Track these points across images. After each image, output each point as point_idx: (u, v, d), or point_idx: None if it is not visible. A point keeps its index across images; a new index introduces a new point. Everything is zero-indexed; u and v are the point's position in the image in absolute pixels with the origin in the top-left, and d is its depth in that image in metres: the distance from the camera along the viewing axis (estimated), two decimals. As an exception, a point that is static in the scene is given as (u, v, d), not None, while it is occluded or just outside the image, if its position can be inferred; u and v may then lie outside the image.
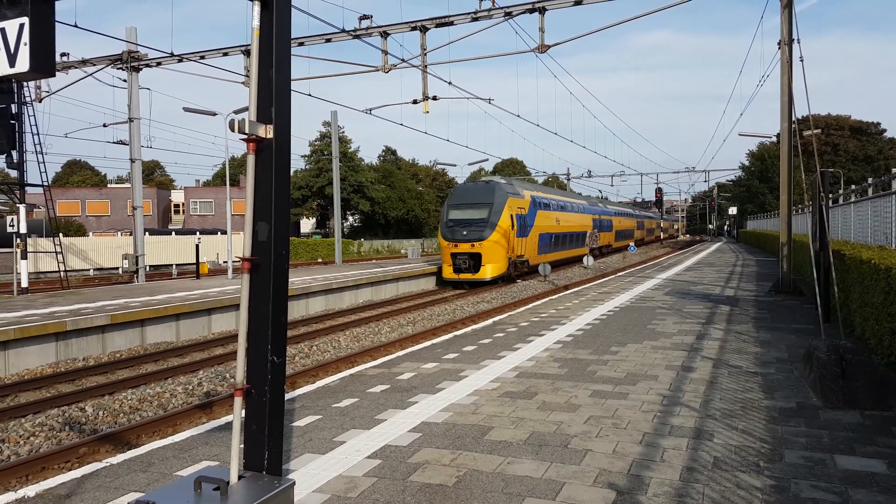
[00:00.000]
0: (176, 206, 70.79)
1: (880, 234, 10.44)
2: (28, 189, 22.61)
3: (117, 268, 36.08)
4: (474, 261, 26.31)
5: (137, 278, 24.48)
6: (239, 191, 57.24)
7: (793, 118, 16.14)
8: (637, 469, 4.81)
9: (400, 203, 71.60)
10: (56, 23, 3.53)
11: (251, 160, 3.74)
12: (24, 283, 21.17)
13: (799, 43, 12.65)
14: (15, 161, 21.44)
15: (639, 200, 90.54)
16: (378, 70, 20.33)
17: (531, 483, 4.60)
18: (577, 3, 17.76)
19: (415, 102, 20.99)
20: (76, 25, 16.37)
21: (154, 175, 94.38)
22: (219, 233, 44.93)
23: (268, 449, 3.77)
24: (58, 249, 24.16)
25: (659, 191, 68.99)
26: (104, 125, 25.90)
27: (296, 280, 21.77)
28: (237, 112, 22.90)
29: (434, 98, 20.84)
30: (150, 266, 33.64)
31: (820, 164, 10.13)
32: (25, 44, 3.33)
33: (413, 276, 26.94)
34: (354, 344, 14.58)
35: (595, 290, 18.54)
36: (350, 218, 71.85)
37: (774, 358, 8.64)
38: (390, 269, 26.86)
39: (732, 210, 73.71)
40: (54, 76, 3.65)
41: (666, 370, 8.03)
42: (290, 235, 4.23)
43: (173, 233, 46.12)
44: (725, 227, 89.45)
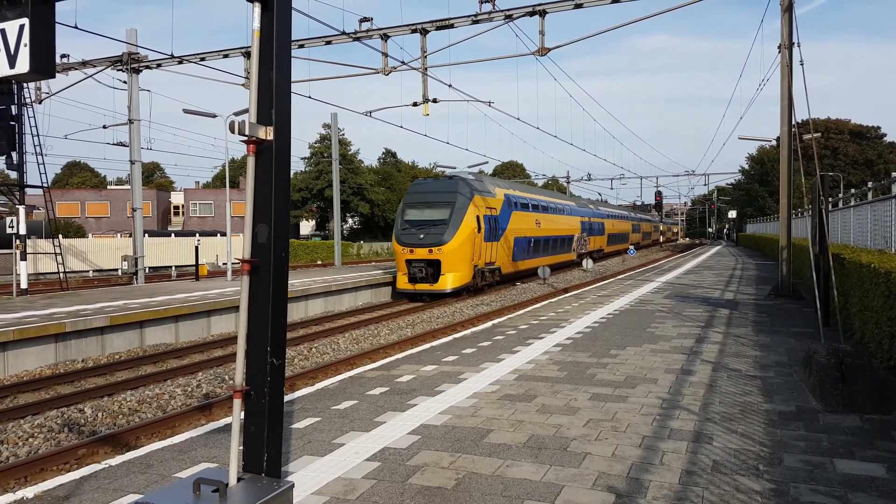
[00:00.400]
0: (175, 208, 70.81)
1: (880, 238, 10.45)
2: (28, 190, 22.61)
3: (116, 269, 36.04)
4: (432, 269, 22.81)
5: (137, 280, 24.46)
6: (239, 193, 57.25)
7: (793, 122, 16.15)
8: (636, 472, 4.80)
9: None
10: (56, 24, 3.53)
11: (251, 162, 3.75)
12: (24, 285, 21.16)
13: (799, 46, 12.65)
14: (15, 162, 21.43)
15: (638, 203, 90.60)
16: (378, 72, 20.34)
17: (530, 486, 4.59)
18: (578, 6, 17.78)
19: (415, 105, 21.00)
20: (76, 27, 16.39)
21: (154, 177, 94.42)
22: (218, 234, 44.96)
23: (267, 451, 3.76)
24: (57, 251, 24.14)
25: (658, 194, 69.07)
26: (104, 127, 25.86)
27: (295, 282, 21.76)
28: (237, 114, 22.91)
29: (434, 100, 20.85)
30: (150, 268, 33.63)
31: (820, 168, 10.14)
32: (25, 45, 3.33)
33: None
34: (354, 346, 14.57)
35: (594, 294, 18.53)
36: (350, 220, 71.84)
37: (774, 361, 8.63)
38: (391, 271, 26.85)
39: (732, 213, 73.76)
40: (54, 77, 3.66)
41: (665, 373, 8.03)
42: (290, 237, 4.23)
43: (173, 234, 46.15)
44: (725, 231, 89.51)
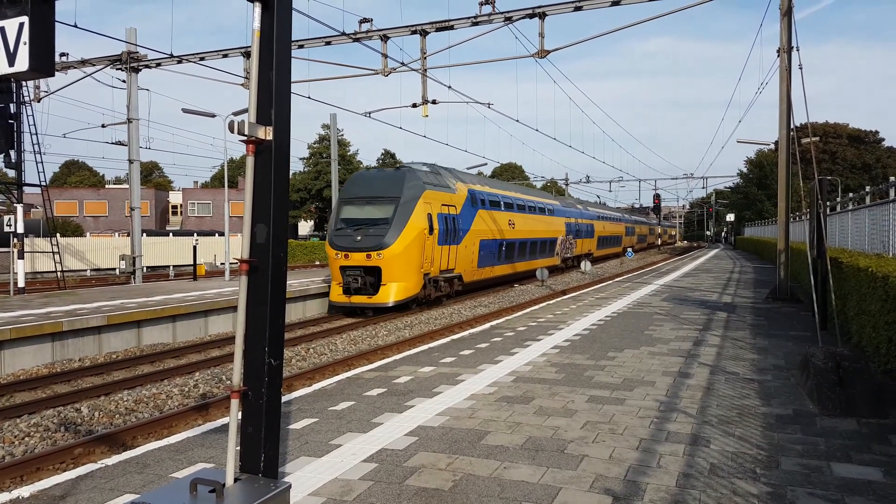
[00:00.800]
0: (174, 208, 70.74)
1: (878, 243, 10.46)
2: (26, 189, 22.57)
3: (114, 269, 36.02)
4: (371, 278, 19.02)
5: (134, 279, 24.44)
6: (237, 192, 57.22)
7: (791, 126, 16.18)
8: (633, 475, 4.80)
9: (398, 206, 71.41)
10: (56, 23, 3.52)
11: (250, 162, 3.74)
12: (21, 283, 21.12)
13: (798, 51, 12.70)
14: (13, 161, 21.40)
15: (637, 206, 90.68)
16: (378, 73, 20.34)
17: (527, 488, 4.59)
18: (577, 9, 17.80)
19: (414, 106, 21.01)
20: (76, 25, 16.37)
21: (152, 176, 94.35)
22: (216, 234, 44.91)
23: (264, 451, 3.76)
24: (55, 250, 24.10)
25: (657, 197, 69.08)
26: (103, 126, 25.84)
27: (293, 282, 21.75)
28: (236, 114, 22.91)
29: (433, 102, 20.85)
30: (148, 267, 33.58)
31: (818, 172, 10.17)
32: (25, 43, 3.33)
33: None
34: (351, 347, 14.56)
35: (593, 296, 18.54)
36: (348, 221, 71.61)
37: (771, 365, 8.64)
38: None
39: (730, 217, 73.84)
40: (53, 76, 3.65)
41: (663, 376, 8.03)
42: (289, 238, 4.22)
43: (171, 234, 46.09)
44: (723, 234, 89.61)
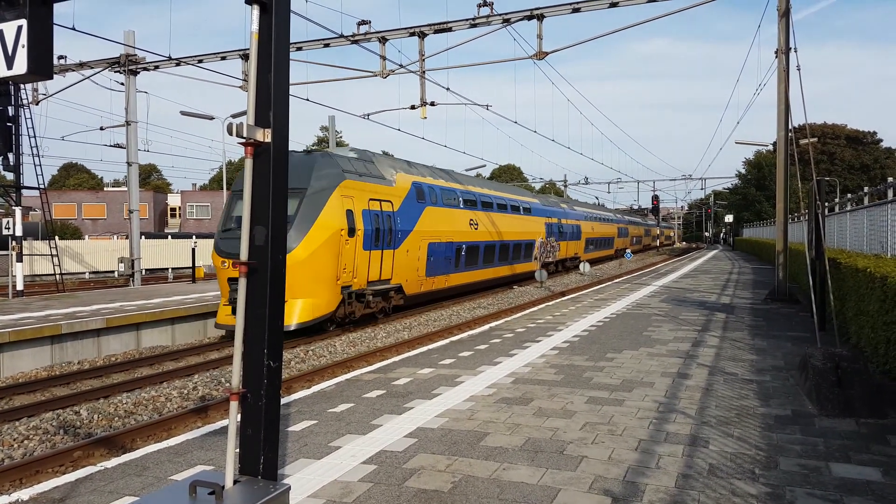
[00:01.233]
0: (172, 210, 70.71)
1: (876, 243, 10.47)
2: (24, 192, 22.57)
3: (113, 271, 35.96)
4: None
5: (133, 282, 24.42)
6: (236, 195, 57.09)
7: (789, 127, 16.21)
8: (632, 476, 4.80)
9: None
10: (54, 25, 3.53)
11: (249, 164, 3.75)
12: (20, 286, 21.10)
13: (796, 52, 12.72)
14: (11, 164, 21.40)
15: (635, 207, 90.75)
16: (376, 75, 20.35)
17: (526, 489, 4.59)
18: (576, 11, 17.83)
19: (412, 108, 21.03)
20: (74, 28, 16.38)
21: (151, 178, 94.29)
22: (215, 237, 44.73)
23: (263, 453, 3.76)
24: (53, 252, 24.09)
25: (655, 198, 69.10)
26: (101, 128, 25.89)
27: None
28: (235, 116, 22.93)
29: (432, 104, 20.86)
30: (146, 270, 33.55)
31: (816, 173, 10.18)
32: (23, 46, 3.33)
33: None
34: (350, 349, 14.55)
35: (591, 297, 18.55)
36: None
37: (770, 365, 8.65)
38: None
39: (729, 218, 73.90)
40: (52, 79, 3.65)
41: (662, 377, 8.04)
42: (287, 239, 4.21)
43: (169, 236, 46.06)
44: (721, 235, 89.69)
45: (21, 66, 3.34)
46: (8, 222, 21.31)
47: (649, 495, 4.44)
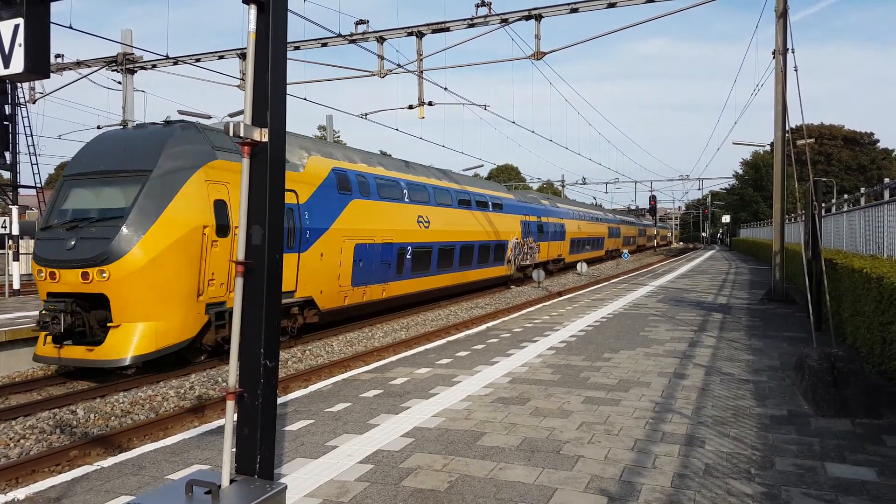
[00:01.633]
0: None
1: (872, 244, 10.51)
2: (21, 190, 22.52)
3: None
4: (95, 312, 11.38)
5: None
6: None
7: (786, 127, 16.22)
8: (629, 475, 4.81)
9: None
10: (51, 24, 3.52)
11: (246, 164, 3.75)
12: (16, 285, 21.06)
13: (793, 53, 12.75)
14: (8, 162, 21.35)
15: (633, 207, 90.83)
16: (374, 75, 20.35)
17: (523, 489, 4.60)
18: (573, 11, 17.84)
19: (410, 108, 21.03)
20: (71, 27, 16.34)
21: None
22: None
23: (260, 453, 3.76)
24: (50, 251, 23.98)
25: (653, 198, 69.18)
26: (98, 127, 25.78)
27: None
28: (232, 115, 22.89)
29: (430, 103, 20.86)
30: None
31: (813, 174, 10.21)
32: (20, 45, 3.33)
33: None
34: (347, 348, 14.55)
35: (588, 297, 18.57)
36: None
37: (766, 366, 8.67)
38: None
39: (726, 218, 74.02)
40: (49, 77, 3.65)
41: (658, 377, 8.05)
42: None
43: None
44: (718, 236, 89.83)
45: (18, 65, 3.33)
46: (4, 221, 21.25)
47: (645, 495, 4.45)
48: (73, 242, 11.23)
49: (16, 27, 3.33)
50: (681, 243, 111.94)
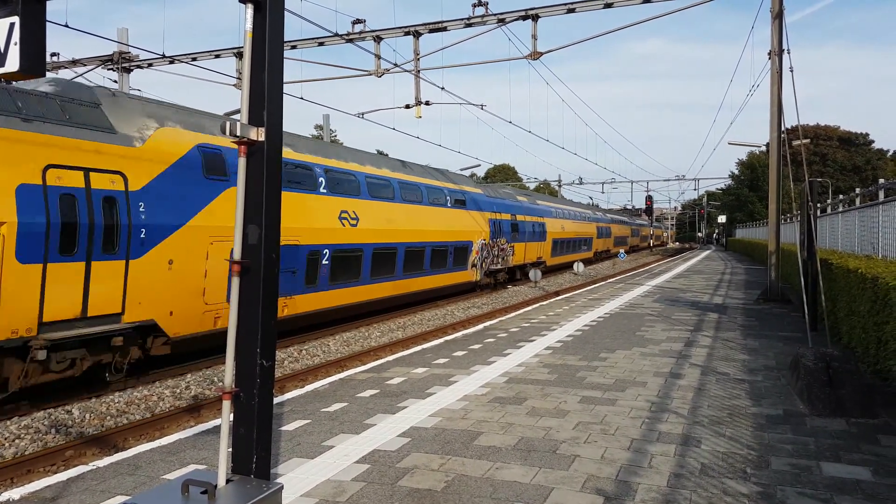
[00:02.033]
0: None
1: (867, 244, 10.53)
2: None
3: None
4: None
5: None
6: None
7: (782, 128, 16.27)
8: (625, 475, 4.82)
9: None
10: (47, 22, 3.51)
11: (242, 163, 3.75)
12: None
13: (789, 54, 12.82)
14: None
15: (629, 207, 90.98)
16: (371, 74, 20.34)
17: (519, 488, 4.60)
18: (570, 11, 17.84)
19: (407, 107, 21.01)
20: (67, 25, 16.29)
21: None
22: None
23: (256, 453, 3.76)
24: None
25: (649, 198, 69.24)
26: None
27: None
28: (229, 114, 22.86)
29: (426, 103, 20.85)
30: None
31: (809, 174, 10.24)
32: (16, 43, 3.31)
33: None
34: (344, 348, 14.54)
35: (585, 297, 18.58)
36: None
37: (762, 365, 8.69)
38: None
39: (722, 218, 74.19)
40: (44, 76, 3.64)
41: (654, 377, 8.06)
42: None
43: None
44: (714, 236, 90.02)
45: (13, 64, 3.32)
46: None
47: (641, 494, 4.46)
48: None
49: (11, 25, 3.32)
50: (677, 243, 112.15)
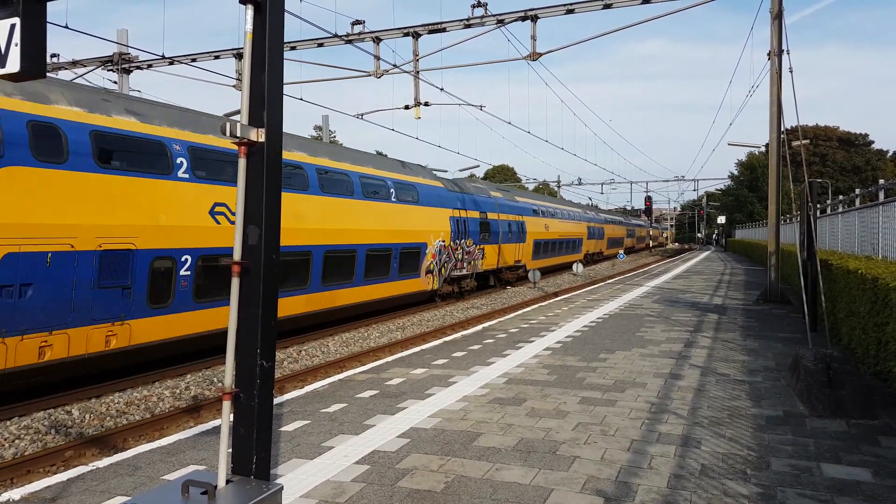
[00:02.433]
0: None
1: (867, 245, 10.53)
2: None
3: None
4: None
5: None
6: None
7: (782, 129, 16.27)
8: (625, 476, 4.82)
9: (390, 208, 71.02)
10: (47, 23, 3.51)
11: (242, 164, 3.75)
12: None
13: (788, 54, 12.81)
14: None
15: (628, 208, 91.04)
16: (370, 75, 20.34)
17: (519, 489, 4.60)
18: (570, 12, 17.85)
19: (406, 108, 21.01)
20: (67, 26, 16.29)
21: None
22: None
23: (256, 453, 3.76)
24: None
25: (648, 199, 69.28)
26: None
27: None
28: (229, 115, 22.85)
29: (426, 104, 20.85)
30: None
31: (808, 175, 10.24)
32: (16, 44, 3.31)
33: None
34: (343, 349, 14.54)
35: (584, 298, 18.58)
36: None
37: (762, 366, 8.69)
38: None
39: (721, 219, 74.22)
40: (45, 77, 3.64)
41: (654, 378, 8.06)
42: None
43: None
44: (714, 236, 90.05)
45: (14, 65, 3.32)
46: None
47: (641, 496, 4.46)
48: None
49: (12, 27, 3.32)
50: (676, 244, 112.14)
